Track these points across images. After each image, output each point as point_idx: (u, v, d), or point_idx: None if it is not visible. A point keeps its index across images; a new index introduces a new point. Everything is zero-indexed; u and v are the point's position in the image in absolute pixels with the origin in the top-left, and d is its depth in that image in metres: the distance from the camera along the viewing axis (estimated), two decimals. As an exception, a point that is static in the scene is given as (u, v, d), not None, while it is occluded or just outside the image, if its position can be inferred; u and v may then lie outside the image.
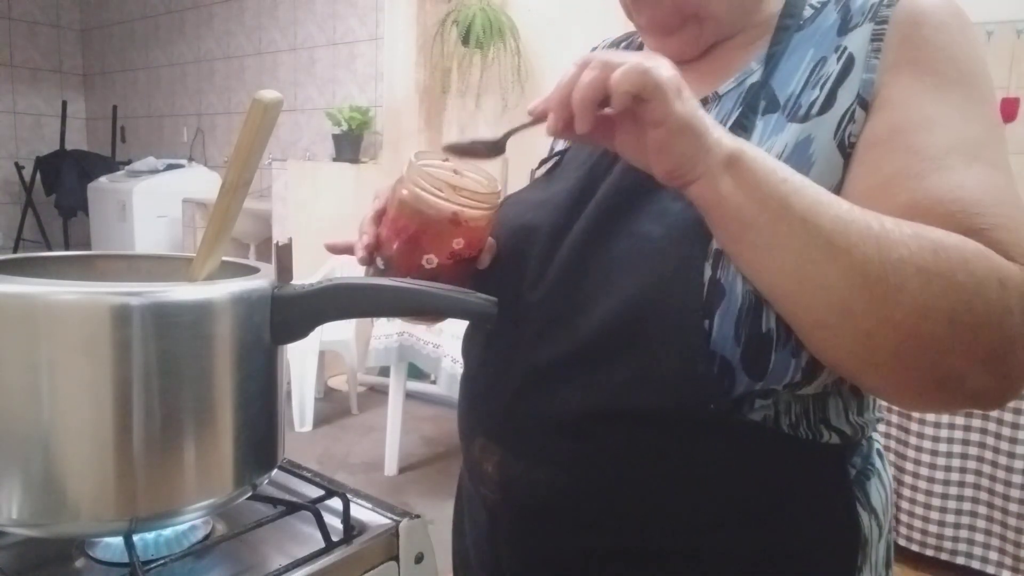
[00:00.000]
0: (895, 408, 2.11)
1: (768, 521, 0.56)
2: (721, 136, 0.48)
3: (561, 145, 0.74)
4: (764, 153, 0.49)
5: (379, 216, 0.63)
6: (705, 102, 0.60)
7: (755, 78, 0.59)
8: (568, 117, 0.49)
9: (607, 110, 0.48)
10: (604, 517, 0.57)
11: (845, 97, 0.54)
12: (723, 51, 0.63)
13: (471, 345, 0.69)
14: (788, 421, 0.55)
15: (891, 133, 0.52)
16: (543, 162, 0.74)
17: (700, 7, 0.60)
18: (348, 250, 0.67)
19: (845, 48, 0.56)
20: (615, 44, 0.79)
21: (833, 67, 0.55)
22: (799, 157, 0.53)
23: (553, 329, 0.58)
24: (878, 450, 0.64)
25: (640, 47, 0.75)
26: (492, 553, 0.66)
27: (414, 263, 0.60)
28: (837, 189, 0.53)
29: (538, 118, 0.52)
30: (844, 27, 0.57)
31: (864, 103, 0.53)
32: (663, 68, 0.46)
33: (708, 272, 0.51)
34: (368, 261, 0.64)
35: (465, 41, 3.35)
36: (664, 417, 0.53)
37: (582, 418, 0.56)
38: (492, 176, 0.64)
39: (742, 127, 0.57)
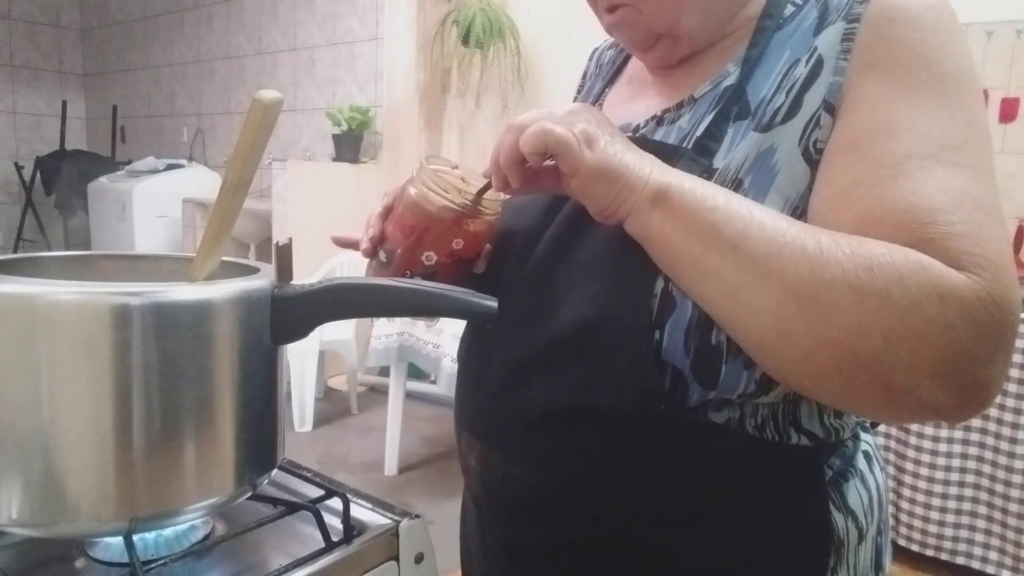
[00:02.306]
0: (895, 408, 2.11)
1: (733, 519, 0.56)
2: (650, 173, 0.51)
3: None
4: (697, 183, 0.51)
5: (387, 212, 0.66)
6: (680, 107, 0.61)
7: (730, 81, 0.59)
8: (504, 177, 0.55)
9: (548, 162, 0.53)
10: (575, 512, 0.59)
11: (811, 102, 0.53)
12: (702, 56, 0.63)
13: (462, 342, 0.72)
14: (754, 423, 0.55)
15: (854, 139, 0.51)
16: None
17: (671, 27, 0.60)
18: (353, 244, 0.69)
19: (815, 48, 0.54)
20: (616, 46, 0.80)
21: (802, 71, 0.54)
22: (761, 167, 0.53)
23: (524, 329, 0.60)
24: (866, 452, 0.64)
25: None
26: (481, 544, 0.69)
27: (415, 259, 0.63)
28: (804, 197, 0.52)
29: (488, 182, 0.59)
30: (820, 26, 0.55)
31: (830, 107, 0.52)
32: (572, 123, 0.51)
33: (661, 284, 0.52)
34: (371, 254, 0.66)
35: (465, 41, 3.35)
36: (624, 417, 0.55)
37: (549, 416, 0.57)
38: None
39: (711, 136, 0.56)
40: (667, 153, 0.57)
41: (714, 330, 0.51)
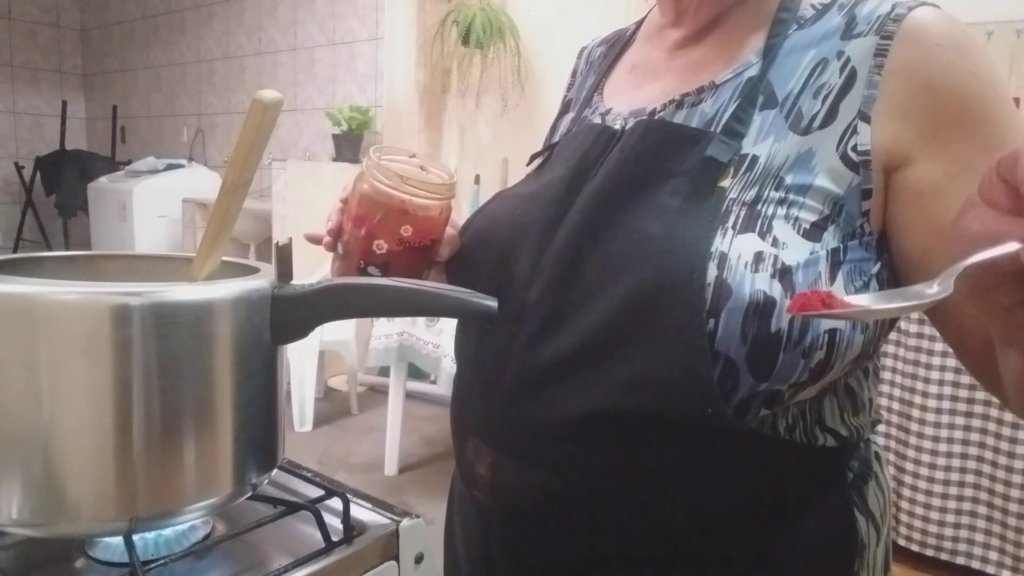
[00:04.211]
0: (895, 408, 2.11)
1: (764, 526, 0.56)
2: None
3: (558, 138, 0.73)
4: None
5: (344, 206, 0.67)
6: (700, 91, 0.61)
7: (753, 71, 0.59)
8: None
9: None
10: (599, 521, 0.56)
11: (847, 111, 0.54)
12: (723, 33, 0.63)
13: (463, 344, 0.68)
14: (785, 424, 0.55)
15: (961, 168, 0.52)
16: (535, 156, 0.73)
17: None
18: (320, 240, 0.69)
19: (847, 57, 0.55)
20: (606, 43, 0.79)
21: (835, 79, 0.55)
22: (801, 168, 0.54)
23: (549, 329, 0.57)
24: (876, 453, 0.63)
25: (629, 42, 0.75)
26: (483, 556, 0.65)
27: (367, 248, 0.64)
28: (847, 198, 0.53)
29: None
30: (848, 32, 0.56)
31: (866, 117, 0.54)
32: None
33: (713, 272, 0.50)
34: (332, 247, 0.67)
35: (465, 41, 3.35)
36: (660, 421, 0.53)
37: (578, 421, 0.55)
38: (451, 172, 0.67)
39: (739, 120, 0.57)
40: (693, 137, 0.57)
41: (774, 317, 0.49)
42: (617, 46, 0.76)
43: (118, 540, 0.56)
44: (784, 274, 0.50)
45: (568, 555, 0.59)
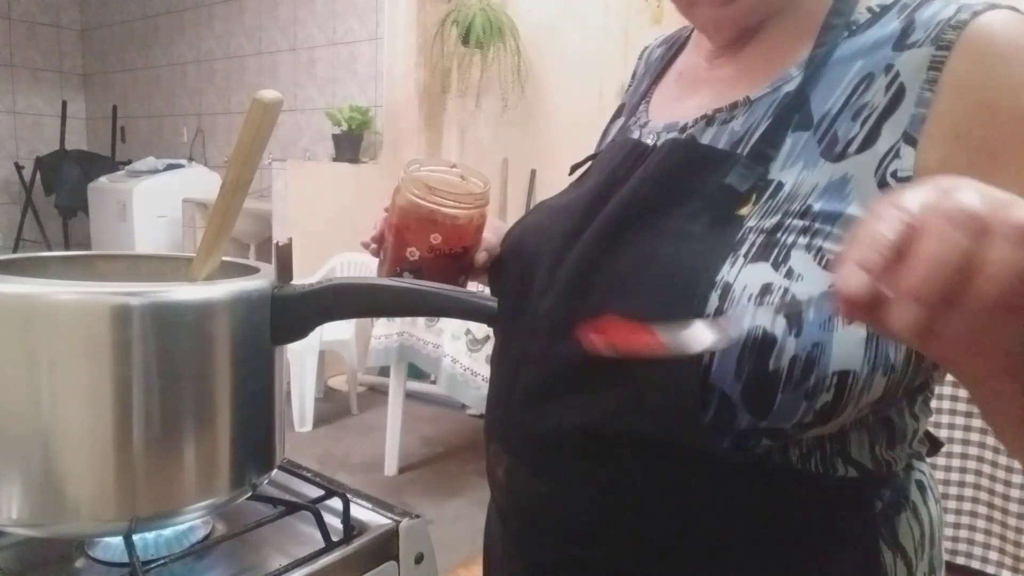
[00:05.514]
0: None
1: (771, 557, 0.53)
2: None
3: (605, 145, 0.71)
4: None
5: (386, 215, 0.70)
6: (734, 107, 0.57)
7: (791, 86, 0.54)
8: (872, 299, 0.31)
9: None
10: (599, 536, 0.56)
11: (890, 134, 0.49)
12: (766, 40, 0.58)
13: (494, 349, 0.69)
14: (798, 453, 0.51)
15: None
16: (576, 167, 0.72)
17: None
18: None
19: (896, 71, 0.50)
20: (666, 43, 0.75)
21: (880, 97, 0.50)
22: (833, 196, 0.49)
23: (556, 342, 0.56)
24: (919, 482, 0.58)
25: (684, 44, 0.71)
26: (504, 557, 0.66)
27: (400, 255, 0.67)
28: None
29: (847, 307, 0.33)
30: (902, 41, 0.50)
31: (911, 140, 0.48)
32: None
33: (715, 303, 0.48)
34: (376, 253, 0.72)
35: (465, 41, 3.35)
36: (655, 444, 0.51)
37: (577, 435, 0.54)
38: (487, 181, 0.70)
39: (769, 142, 0.53)
40: (717, 160, 0.53)
41: (773, 355, 0.46)
42: (674, 48, 0.72)
43: (118, 540, 0.56)
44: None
45: (572, 562, 0.58)
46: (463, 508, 2.49)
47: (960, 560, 2.03)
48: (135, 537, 0.54)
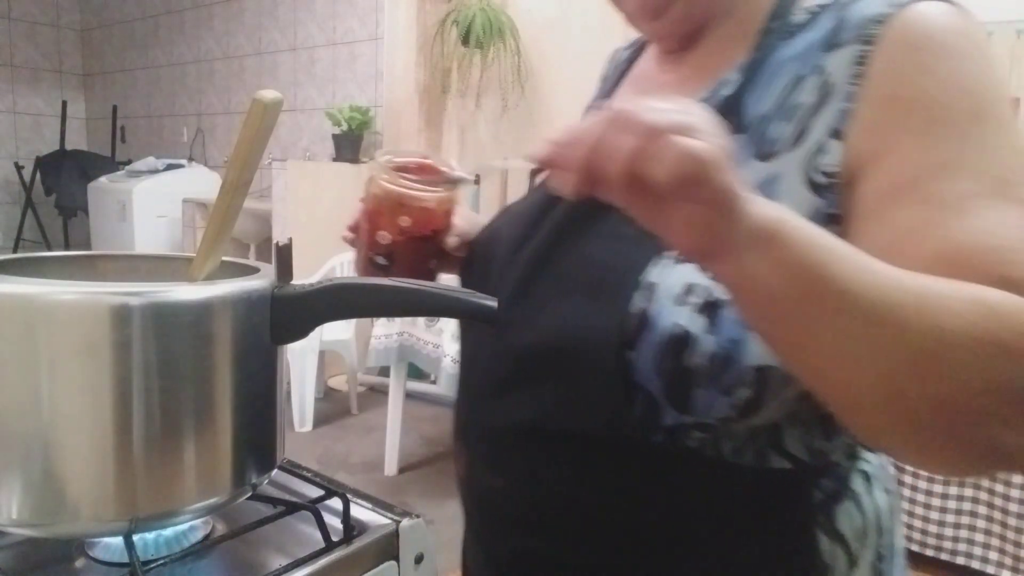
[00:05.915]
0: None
1: (708, 544, 0.54)
2: (760, 210, 0.39)
3: None
4: (804, 222, 0.41)
5: (362, 206, 0.72)
6: None
7: (729, 90, 0.55)
8: (592, 182, 0.39)
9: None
10: (552, 529, 0.57)
11: (818, 129, 0.50)
12: (707, 47, 0.60)
13: (460, 347, 0.72)
14: (731, 447, 0.52)
15: (905, 183, 0.47)
16: (537, 171, 0.73)
17: None
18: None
19: (825, 71, 0.51)
20: (632, 46, 0.76)
21: (809, 97, 0.51)
22: (762, 194, 0.48)
23: (503, 342, 0.59)
24: (864, 472, 0.59)
25: (644, 48, 0.72)
26: (471, 548, 0.69)
27: (372, 239, 0.70)
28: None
29: (541, 166, 0.43)
30: (831, 41, 0.51)
31: (838, 134, 0.49)
32: (708, 135, 0.36)
33: (639, 303, 0.49)
34: (354, 243, 0.73)
35: (465, 41, 3.35)
36: (593, 439, 0.53)
37: (525, 431, 0.57)
38: (451, 166, 0.72)
39: None
40: None
41: (686, 352, 0.48)
42: (638, 51, 0.73)
43: (118, 540, 0.56)
44: (711, 308, 0.48)
45: (532, 557, 0.60)
46: (463, 508, 2.49)
47: (960, 560, 2.03)
48: (135, 537, 0.54)
